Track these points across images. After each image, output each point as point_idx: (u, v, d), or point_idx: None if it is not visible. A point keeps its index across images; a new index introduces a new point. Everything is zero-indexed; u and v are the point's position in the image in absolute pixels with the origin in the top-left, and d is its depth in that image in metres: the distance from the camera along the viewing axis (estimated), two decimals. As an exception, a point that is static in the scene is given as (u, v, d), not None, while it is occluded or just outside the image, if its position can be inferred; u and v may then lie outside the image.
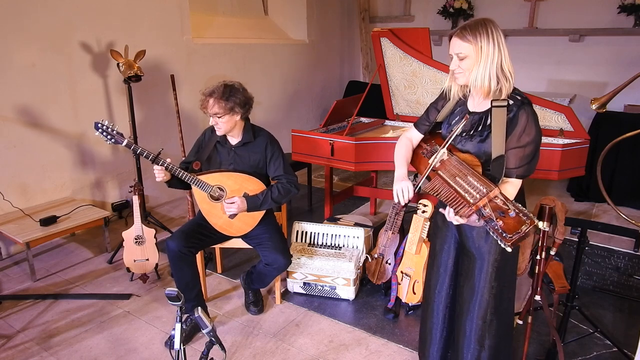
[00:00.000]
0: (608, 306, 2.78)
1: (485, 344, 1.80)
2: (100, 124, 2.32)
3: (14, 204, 3.32)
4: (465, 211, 1.52)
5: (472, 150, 1.67)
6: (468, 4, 5.54)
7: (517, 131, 1.59)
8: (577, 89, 5.18)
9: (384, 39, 3.48)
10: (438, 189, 1.63)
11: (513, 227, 1.42)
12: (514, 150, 1.60)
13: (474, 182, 1.53)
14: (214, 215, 2.50)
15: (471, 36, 1.56)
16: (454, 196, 1.57)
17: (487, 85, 1.58)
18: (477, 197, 1.50)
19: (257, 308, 2.72)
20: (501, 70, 1.58)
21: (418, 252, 2.66)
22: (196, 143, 2.65)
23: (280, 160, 2.56)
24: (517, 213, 1.42)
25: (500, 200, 1.46)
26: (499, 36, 1.56)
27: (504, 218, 1.44)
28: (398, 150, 1.93)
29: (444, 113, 1.83)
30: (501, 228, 1.43)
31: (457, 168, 1.61)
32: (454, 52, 1.61)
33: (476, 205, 1.49)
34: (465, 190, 1.55)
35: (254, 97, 2.50)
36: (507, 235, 1.42)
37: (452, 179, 1.60)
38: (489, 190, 1.48)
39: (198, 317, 1.61)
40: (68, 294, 2.92)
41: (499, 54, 1.56)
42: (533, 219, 1.40)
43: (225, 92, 2.36)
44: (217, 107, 2.36)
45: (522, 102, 1.61)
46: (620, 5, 4.75)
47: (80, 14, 3.55)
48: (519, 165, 1.61)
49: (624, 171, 4.26)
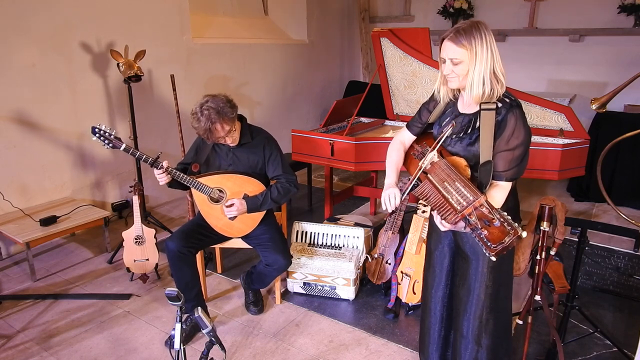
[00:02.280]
0: (608, 306, 2.78)
1: (482, 343, 1.80)
2: (98, 129, 2.31)
3: (14, 204, 3.32)
4: (451, 218, 1.53)
5: (461, 153, 1.67)
6: (468, 4, 5.54)
7: (506, 134, 1.57)
8: (577, 89, 5.18)
9: (384, 39, 3.48)
10: (427, 194, 1.63)
11: (497, 237, 1.43)
12: (503, 154, 1.59)
13: (462, 189, 1.53)
14: (214, 216, 2.50)
15: (466, 41, 1.54)
16: (441, 202, 1.58)
17: (482, 90, 1.57)
18: (463, 205, 1.50)
19: (257, 308, 2.72)
20: (494, 74, 1.57)
21: (418, 252, 2.66)
22: (193, 145, 2.64)
23: (278, 160, 2.55)
24: (502, 222, 1.42)
25: (486, 209, 1.46)
26: (491, 40, 1.56)
27: (489, 227, 1.44)
28: (389, 156, 1.94)
29: (435, 114, 1.82)
30: (486, 237, 1.44)
31: (445, 172, 1.61)
32: (448, 57, 1.59)
33: (462, 213, 1.50)
34: (452, 197, 1.55)
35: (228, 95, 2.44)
36: (492, 245, 1.43)
37: (440, 184, 1.60)
38: (475, 198, 1.48)
39: (198, 317, 1.61)
40: (68, 294, 2.92)
41: (492, 57, 1.55)
42: (517, 229, 1.40)
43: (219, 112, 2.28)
44: (226, 125, 2.33)
45: (511, 104, 1.59)
46: (620, 5, 4.75)
47: (80, 14, 3.54)
48: (509, 168, 1.60)
49: (624, 171, 4.26)
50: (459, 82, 1.62)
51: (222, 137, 2.37)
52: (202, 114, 2.28)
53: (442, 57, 1.62)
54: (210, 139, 2.38)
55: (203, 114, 2.28)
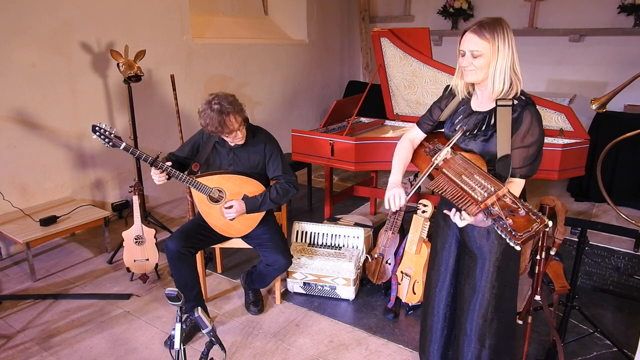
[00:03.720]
0: (608, 306, 2.78)
1: (485, 343, 1.80)
2: (98, 127, 2.31)
3: (14, 204, 3.32)
4: (472, 209, 1.49)
5: (475, 150, 1.67)
6: (468, 4, 5.54)
7: (522, 131, 1.59)
8: (577, 89, 5.18)
9: (384, 39, 3.48)
10: (443, 187, 1.61)
11: (523, 225, 1.41)
12: (518, 150, 1.60)
13: (481, 181, 1.52)
14: (214, 216, 2.50)
15: (489, 34, 1.55)
16: (460, 194, 1.55)
17: (503, 85, 1.58)
18: (484, 195, 1.48)
19: (257, 308, 2.72)
20: (514, 71, 1.59)
21: (418, 252, 2.66)
22: (190, 140, 2.60)
23: (279, 160, 2.55)
24: (527, 212, 1.41)
25: (510, 199, 1.45)
26: (512, 37, 1.57)
27: (513, 217, 1.42)
28: (397, 154, 1.93)
29: (447, 112, 1.83)
30: (511, 227, 1.41)
31: (462, 166, 1.60)
32: (468, 49, 1.58)
33: (484, 203, 1.46)
34: (471, 189, 1.53)
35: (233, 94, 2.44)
36: (517, 233, 1.39)
37: (457, 177, 1.58)
38: (497, 188, 1.47)
39: (198, 317, 1.61)
40: (68, 294, 2.92)
41: (512, 54, 1.57)
42: (543, 218, 1.39)
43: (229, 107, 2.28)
44: (237, 120, 2.31)
45: (527, 102, 1.61)
46: (620, 5, 4.75)
47: (80, 15, 3.55)
48: (523, 165, 1.61)
49: (624, 171, 4.26)
50: (476, 76, 1.62)
51: (235, 130, 2.34)
52: (213, 109, 2.26)
53: (461, 49, 1.61)
54: (223, 133, 2.34)
55: (214, 109, 2.26)
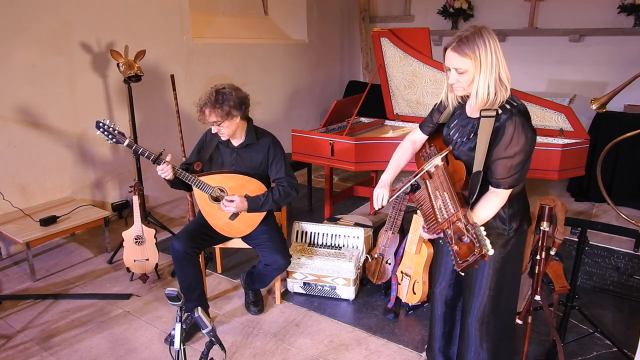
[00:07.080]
0: (608, 306, 2.78)
1: (484, 346, 1.81)
2: (102, 123, 2.31)
3: (14, 204, 3.32)
4: (434, 228, 1.56)
5: (462, 157, 1.67)
6: (468, 4, 5.54)
7: (504, 142, 1.54)
8: (577, 89, 5.18)
9: (384, 39, 3.48)
10: (422, 201, 1.65)
11: (464, 253, 1.43)
12: (502, 161, 1.56)
13: (447, 201, 1.54)
14: (215, 216, 2.50)
15: (469, 50, 1.50)
16: (430, 212, 1.60)
17: (487, 96, 1.54)
18: (445, 217, 1.52)
19: (257, 308, 2.72)
20: (499, 80, 1.54)
21: (418, 252, 2.66)
22: (197, 144, 2.64)
23: (282, 162, 2.55)
24: (472, 239, 1.42)
25: (462, 224, 1.46)
26: (496, 44, 1.52)
27: (459, 243, 1.45)
28: (395, 154, 1.96)
29: (444, 115, 1.83)
30: (456, 252, 1.45)
31: (439, 181, 1.62)
32: (452, 67, 1.56)
33: (441, 225, 1.52)
34: (438, 208, 1.56)
35: (248, 95, 2.46)
36: (459, 260, 1.44)
37: (433, 193, 1.62)
38: (455, 211, 1.49)
39: (198, 317, 1.61)
40: (68, 294, 2.92)
41: (497, 63, 1.52)
42: (483, 248, 1.39)
43: (217, 99, 2.32)
44: (214, 115, 2.34)
45: (512, 111, 1.55)
46: (620, 5, 4.75)
47: (80, 14, 3.54)
48: (508, 176, 1.57)
49: (624, 171, 4.26)
50: (464, 91, 1.61)
51: (209, 123, 2.39)
52: (209, 92, 2.35)
53: (446, 65, 1.60)
54: (200, 120, 2.41)
55: (209, 92, 2.35)
